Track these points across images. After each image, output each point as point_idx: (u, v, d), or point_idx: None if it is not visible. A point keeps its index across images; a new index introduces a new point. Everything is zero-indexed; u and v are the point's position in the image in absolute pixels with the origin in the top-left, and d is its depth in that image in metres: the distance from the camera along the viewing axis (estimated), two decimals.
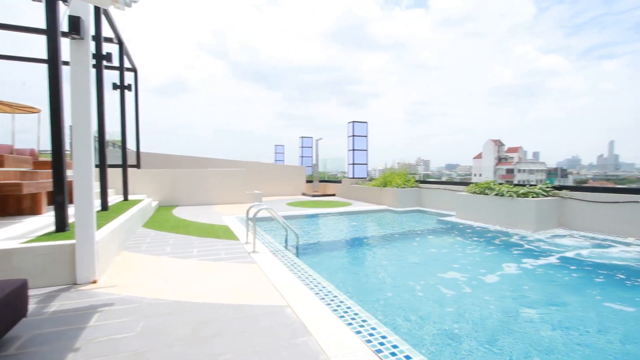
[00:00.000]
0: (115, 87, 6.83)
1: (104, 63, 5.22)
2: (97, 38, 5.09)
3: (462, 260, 4.58)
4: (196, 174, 9.99)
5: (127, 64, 7.53)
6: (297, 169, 15.19)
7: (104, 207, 5.28)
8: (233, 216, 7.55)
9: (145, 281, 3.25)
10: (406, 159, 12.91)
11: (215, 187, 10.14)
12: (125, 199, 7.05)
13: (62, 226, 3.52)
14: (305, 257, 4.66)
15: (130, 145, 8.14)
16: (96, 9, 4.96)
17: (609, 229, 6.01)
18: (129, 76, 7.63)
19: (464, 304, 3.13)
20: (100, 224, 3.96)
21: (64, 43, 3.32)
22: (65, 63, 3.27)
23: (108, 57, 5.19)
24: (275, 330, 2.29)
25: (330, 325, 2.37)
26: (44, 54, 3.32)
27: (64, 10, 3.28)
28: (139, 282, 3.21)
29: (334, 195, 13.95)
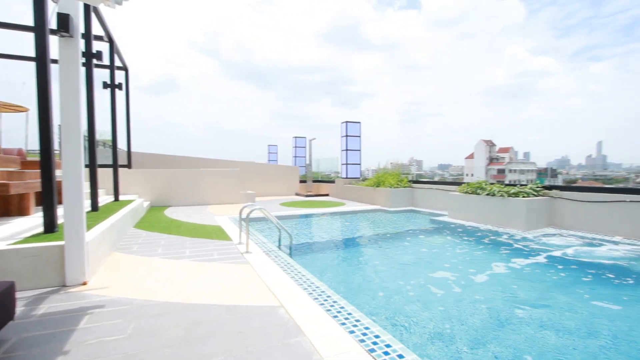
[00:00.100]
0: (105, 86, 6.73)
1: (94, 61, 5.15)
2: (87, 36, 5.02)
3: (453, 260, 4.63)
4: (189, 174, 9.91)
5: (118, 63, 7.44)
6: (291, 169, 15.17)
7: (94, 208, 5.21)
8: (226, 216, 7.51)
9: (137, 282, 3.21)
10: (399, 159, 13.00)
11: (208, 187, 10.07)
12: (116, 199, 6.96)
13: (51, 227, 3.46)
14: (299, 257, 4.65)
15: (121, 144, 8.04)
16: (86, 6, 4.89)
17: (597, 228, 6.12)
18: (119, 75, 7.53)
19: (455, 303, 3.16)
20: (91, 225, 3.90)
21: (53, 41, 3.26)
22: (54, 61, 3.21)
23: (98, 56, 5.12)
24: (269, 330, 2.28)
25: (324, 325, 2.37)
26: (32, 52, 3.26)
27: (52, 8, 3.23)
28: (130, 284, 3.17)
29: (327, 195, 13.96)
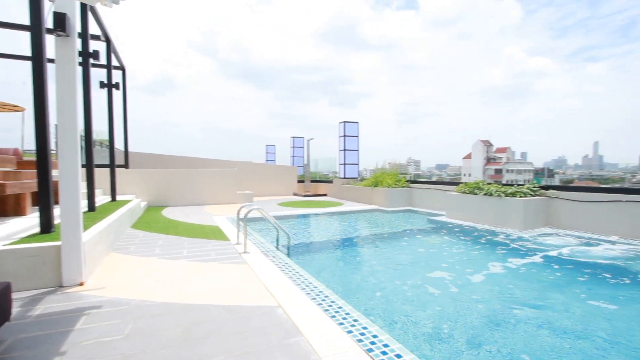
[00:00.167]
0: (102, 86, 6.70)
1: (91, 61, 5.12)
2: (84, 35, 4.99)
3: (450, 260, 4.64)
4: (186, 174, 9.88)
5: (115, 62, 7.40)
6: (289, 169, 15.16)
7: (91, 208, 5.18)
8: (224, 216, 7.49)
9: (134, 283, 3.20)
10: (397, 159, 13.03)
11: (206, 188, 10.04)
12: (113, 199, 6.93)
13: (48, 227, 3.44)
14: (297, 257, 4.65)
15: (119, 144, 8.01)
16: (82, 5, 4.87)
17: (594, 228, 6.15)
18: (116, 74, 7.50)
19: (452, 303, 3.17)
20: (88, 225, 3.88)
21: (49, 40, 3.24)
22: (51, 60, 3.19)
23: (95, 55, 5.09)
24: (267, 330, 2.28)
25: (322, 325, 2.37)
26: (28, 51, 3.24)
27: (49, 7, 3.21)
28: (128, 284, 3.16)
29: (325, 195, 13.96)
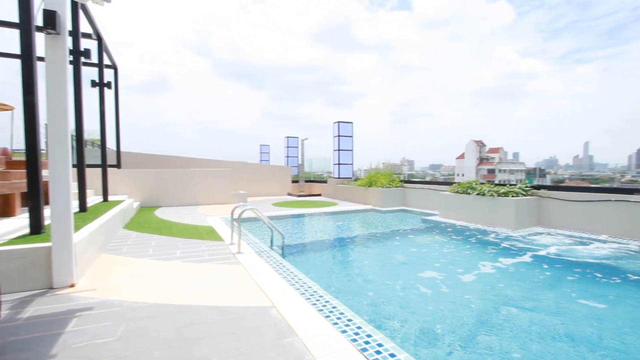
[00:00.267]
0: (94, 85, 6.62)
1: (82, 59, 5.06)
2: (75, 33, 4.93)
3: (442, 259, 4.67)
4: (180, 174, 9.80)
5: (107, 61, 7.32)
6: (283, 169, 15.13)
7: (83, 209, 5.12)
8: (218, 217, 7.45)
9: (127, 284, 3.17)
10: (391, 159, 13.12)
11: (200, 188, 9.98)
12: (105, 199, 6.85)
13: (38, 228, 3.39)
14: (291, 258, 4.65)
15: (111, 144, 7.92)
16: (73, 3, 4.81)
17: (584, 227, 6.25)
18: (108, 73, 7.41)
19: (445, 302, 3.19)
20: (79, 226, 3.83)
21: (39, 38, 3.19)
22: (41, 59, 3.15)
23: (86, 54, 5.03)
24: (261, 331, 2.27)
25: (316, 325, 2.37)
26: (17, 49, 3.19)
27: (38, 4, 3.16)
28: (120, 285, 3.13)
29: (319, 195, 13.97)
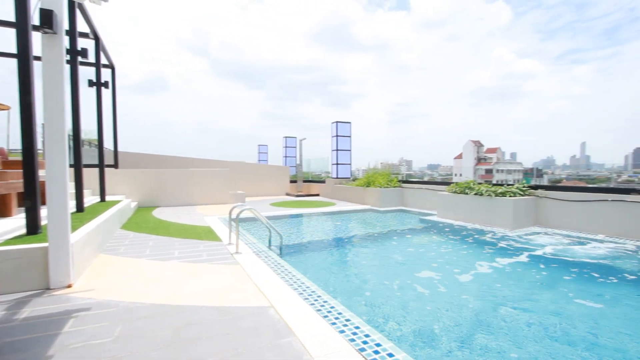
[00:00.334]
0: (91, 84, 6.59)
1: (79, 59, 5.03)
2: (72, 33, 4.90)
3: (440, 259, 4.68)
4: (177, 174, 9.78)
5: (104, 60, 7.28)
6: (281, 169, 15.12)
7: (80, 209, 5.09)
8: (215, 217, 7.44)
9: (124, 284, 3.15)
10: (389, 159, 13.16)
11: (198, 188, 9.95)
12: (103, 199, 6.82)
13: (34, 229, 3.37)
14: (289, 258, 4.64)
15: (108, 144, 7.88)
16: (70, 2, 4.78)
17: (581, 227, 6.28)
18: (105, 73, 7.37)
19: (443, 302, 3.20)
20: (76, 226, 3.81)
21: (36, 37, 3.18)
22: (37, 58, 3.13)
23: (83, 53, 5.01)
24: (259, 331, 2.27)
25: (314, 325, 2.37)
26: (14, 48, 3.17)
27: (35, 3, 3.14)
28: (117, 286, 3.11)
29: (317, 195, 13.96)
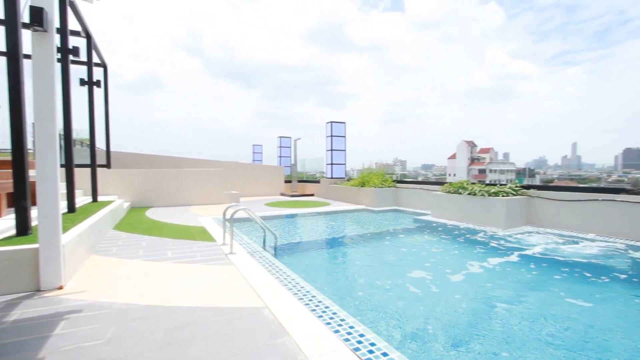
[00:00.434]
0: (82, 83, 6.50)
1: (71, 57, 4.97)
2: (63, 31, 4.84)
3: (432, 259, 4.71)
4: (171, 174, 9.70)
5: (96, 59, 7.20)
6: (276, 169, 15.08)
7: (71, 209, 5.02)
8: (210, 217, 7.39)
9: (117, 286, 3.12)
10: (384, 159, 13.21)
11: (191, 188, 9.88)
12: (95, 200, 6.74)
13: (24, 229, 3.32)
14: (284, 258, 4.63)
15: (100, 144, 7.79)
16: (61, 0, 4.71)
17: (573, 226, 6.36)
18: (98, 72, 7.29)
19: (438, 302, 3.22)
20: (67, 227, 3.76)
21: (26, 35, 3.13)
22: (27, 56, 3.08)
23: (75, 52, 4.94)
24: (254, 332, 2.26)
25: (309, 325, 2.37)
26: (2, 46, 3.12)
27: (25, 0, 3.09)
28: (110, 287, 3.08)
29: (312, 195, 13.96)
